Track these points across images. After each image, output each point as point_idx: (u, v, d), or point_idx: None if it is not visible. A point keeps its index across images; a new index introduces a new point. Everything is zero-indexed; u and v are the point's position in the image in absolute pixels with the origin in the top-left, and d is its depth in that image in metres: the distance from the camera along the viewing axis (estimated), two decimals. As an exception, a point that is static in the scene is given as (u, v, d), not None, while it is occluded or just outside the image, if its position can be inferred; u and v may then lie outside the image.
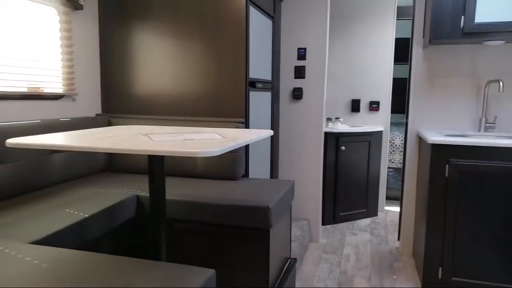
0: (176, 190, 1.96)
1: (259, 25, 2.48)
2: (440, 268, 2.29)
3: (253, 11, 2.35)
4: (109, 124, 2.45)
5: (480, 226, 2.21)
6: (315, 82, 2.96)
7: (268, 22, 2.68)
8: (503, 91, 2.55)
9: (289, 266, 2.17)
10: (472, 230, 2.22)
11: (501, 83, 2.41)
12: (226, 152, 1.28)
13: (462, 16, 2.34)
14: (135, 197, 1.87)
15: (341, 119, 3.66)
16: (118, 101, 2.56)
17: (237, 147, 1.28)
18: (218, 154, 1.11)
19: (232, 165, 2.20)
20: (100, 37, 2.55)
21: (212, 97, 2.36)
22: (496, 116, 2.61)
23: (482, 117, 2.61)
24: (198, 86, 2.38)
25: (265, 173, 2.78)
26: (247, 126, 2.33)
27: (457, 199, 2.22)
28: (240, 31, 2.26)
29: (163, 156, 1.43)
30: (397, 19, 3.71)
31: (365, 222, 3.63)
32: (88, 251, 1.20)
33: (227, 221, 1.78)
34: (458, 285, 2.28)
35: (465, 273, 2.25)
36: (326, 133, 3.33)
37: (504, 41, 2.44)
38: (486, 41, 2.45)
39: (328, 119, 3.62)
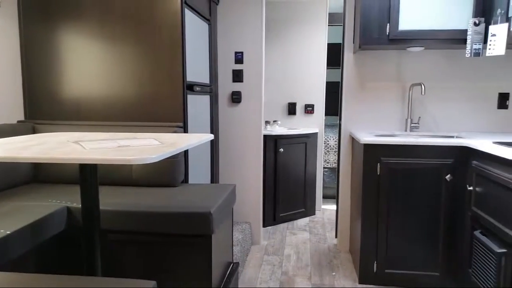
0: (111, 199, 1.85)
1: (195, 28, 2.44)
2: (375, 262, 2.42)
3: (188, 14, 2.31)
4: (34, 131, 2.26)
5: (409, 219, 2.36)
6: (253, 85, 2.99)
7: (205, 26, 2.65)
8: (424, 93, 2.76)
9: (232, 270, 2.15)
10: (402, 223, 2.37)
11: (423, 86, 2.61)
12: (165, 158, 1.24)
13: (388, 24, 2.49)
14: (65, 209, 1.74)
15: (279, 122, 3.73)
16: (44, 106, 2.38)
17: (177, 152, 1.24)
18: (157, 160, 1.07)
19: (171, 171, 2.13)
20: (20, 37, 2.35)
21: (148, 101, 2.28)
22: (419, 117, 2.82)
23: (407, 117, 2.80)
24: (132, 89, 2.28)
25: (206, 178, 2.74)
26: (185, 131, 2.28)
27: (388, 195, 2.36)
28: (175, 34, 2.21)
29: (95, 165, 1.34)
30: (329, 25, 3.87)
31: (304, 221, 3.72)
32: (13, 271, 1.08)
33: (166, 229, 1.72)
34: (391, 276, 2.42)
35: (397, 265, 2.40)
36: (265, 136, 3.37)
37: (424, 48, 2.65)
38: (409, 47, 2.64)
39: (267, 122, 3.67)
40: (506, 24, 2.15)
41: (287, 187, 3.60)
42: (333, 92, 4.51)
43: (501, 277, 1.82)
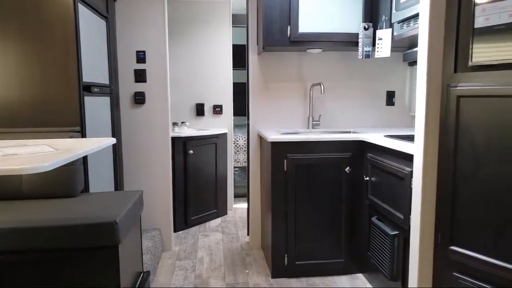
0: (-4, 216, 1.63)
1: (91, 25, 2.27)
2: (286, 255, 2.51)
3: (82, 9, 2.13)
4: None
5: (315, 211, 2.49)
6: (157, 86, 2.88)
7: (102, 23, 2.48)
8: (324, 92, 2.93)
9: (142, 280, 2.04)
10: (309, 215, 2.49)
11: (322, 86, 2.78)
12: (60, 166, 1.11)
13: (289, 26, 2.60)
14: None
15: (187, 123, 3.66)
16: None
17: (74, 159, 1.13)
18: (51, 169, 0.96)
19: (68, 180, 1.95)
20: None
21: (39, 104, 2.05)
22: (320, 115, 3.00)
23: (309, 115, 2.96)
24: (20, 92, 2.03)
25: (109, 185, 2.56)
26: (83, 135, 2.10)
27: (295, 189, 2.46)
28: (68, 31, 2.02)
29: (-27, 178, 1.16)
30: (233, 26, 3.91)
31: (216, 222, 3.71)
32: None
33: (66, 244, 1.56)
34: (302, 268, 2.53)
35: (307, 256, 2.52)
36: (173, 138, 3.28)
37: (322, 49, 2.82)
38: (308, 49, 2.79)
39: (175, 124, 3.58)
40: (390, 29, 2.39)
41: (198, 189, 3.55)
42: (241, 93, 4.58)
43: (395, 256, 2.01)
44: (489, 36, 1.41)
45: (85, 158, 2.13)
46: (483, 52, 1.44)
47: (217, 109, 3.90)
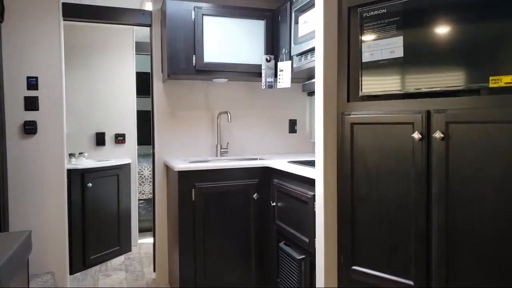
0: None
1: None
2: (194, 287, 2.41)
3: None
4: None
5: (224, 239, 2.46)
6: (52, 114, 2.63)
7: (-17, 42, 2.21)
8: (231, 121, 2.98)
9: (30, 335, 1.77)
10: (219, 244, 2.45)
11: (229, 114, 2.81)
12: None
13: (194, 56, 2.61)
14: None
15: (86, 154, 3.40)
16: None
17: None
18: None
19: None
20: None
21: None
22: (228, 142, 3.02)
23: (217, 143, 2.97)
24: None
25: (-11, 226, 2.22)
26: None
27: (204, 219, 2.41)
28: None
29: None
30: (137, 54, 3.81)
31: (119, 260, 3.44)
32: None
33: None
34: (212, 300, 2.44)
35: (216, 284, 2.45)
36: (69, 170, 3.00)
37: (227, 79, 2.88)
38: (214, 78, 2.82)
39: (71, 155, 3.29)
40: (290, 62, 2.55)
41: (98, 225, 3.28)
42: (146, 121, 4.42)
43: (302, 281, 2.06)
44: (374, 70, 1.58)
45: (-43, 197, 1.83)
46: (370, 84, 1.60)
47: (120, 138, 3.70)
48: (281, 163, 2.36)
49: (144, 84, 3.70)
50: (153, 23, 2.88)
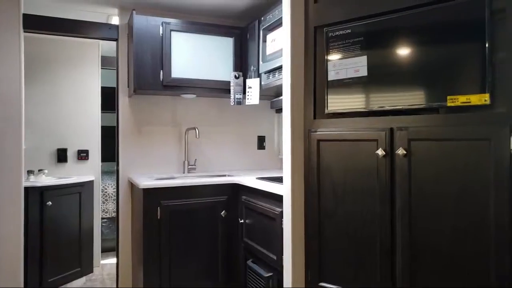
0: None
1: None
2: (160, 311, 2.32)
3: None
4: None
5: (191, 258, 2.40)
6: (8, 129, 2.51)
7: None
8: (199, 137, 2.95)
9: None
10: (185, 262, 2.38)
11: (197, 130, 2.79)
12: None
13: (161, 71, 2.59)
14: None
15: (46, 171, 3.25)
16: None
17: None
18: None
19: None
20: None
21: None
22: (196, 159, 2.98)
23: (185, 160, 2.92)
24: None
25: None
26: None
27: (170, 238, 2.34)
28: None
29: None
30: (102, 68, 3.72)
31: (80, 282, 3.28)
32: None
33: None
34: (177, 322, 2.36)
35: (183, 309, 2.37)
36: (27, 188, 2.85)
37: (196, 95, 2.86)
38: (182, 94, 2.80)
39: (30, 172, 3.14)
40: (258, 79, 2.57)
41: (57, 246, 3.11)
42: (111, 137, 4.30)
43: (271, 299, 2.03)
44: (340, 88, 1.62)
45: None
46: (336, 102, 1.63)
47: (82, 155, 3.57)
48: (250, 180, 2.35)
49: (110, 99, 3.60)
50: (120, 37, 2.84)
